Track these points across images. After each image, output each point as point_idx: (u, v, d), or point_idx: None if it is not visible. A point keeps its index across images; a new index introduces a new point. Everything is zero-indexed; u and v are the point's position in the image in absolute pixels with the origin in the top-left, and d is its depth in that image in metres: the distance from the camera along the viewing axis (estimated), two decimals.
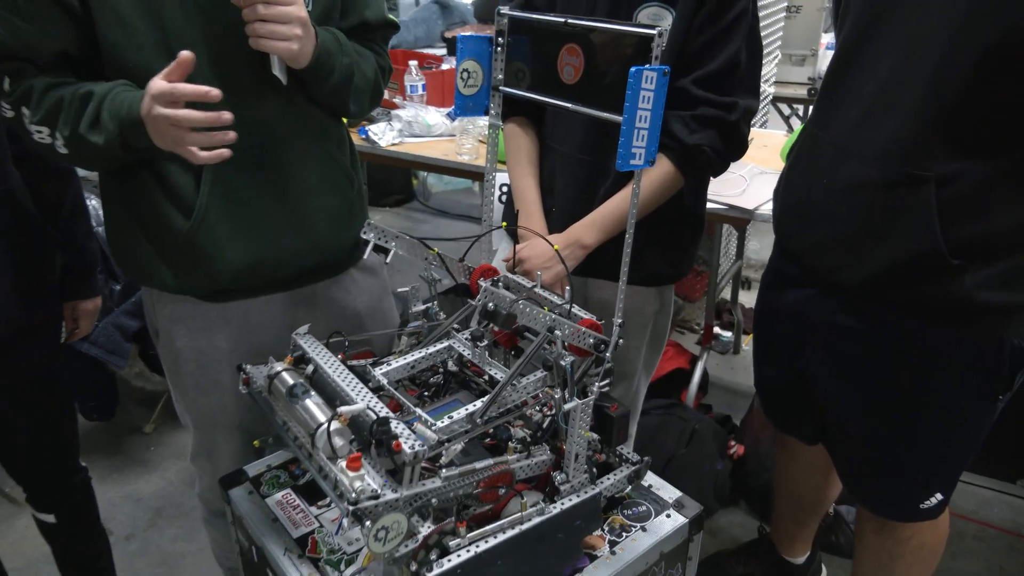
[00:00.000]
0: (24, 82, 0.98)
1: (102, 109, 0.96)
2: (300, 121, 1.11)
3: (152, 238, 1.11)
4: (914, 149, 0.99)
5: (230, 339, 1.18)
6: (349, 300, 1.30)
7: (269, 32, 0.98)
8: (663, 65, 0.85)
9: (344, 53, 1.11)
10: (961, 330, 1.04)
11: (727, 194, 1.87)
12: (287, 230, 1.14)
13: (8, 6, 0.95)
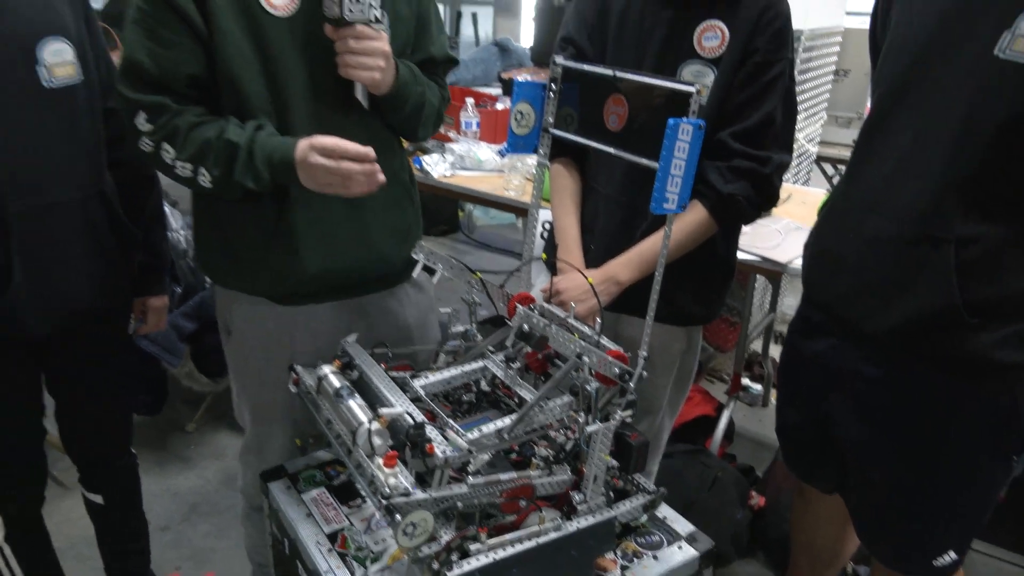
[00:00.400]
0: (163, 118, 1.10)
1: (253, 156, 1.10)
2: (375, 143, 1.22)
3: (236, 244, 1.23)
4: (934, 211, 1.04)
5: (296, 340, 1.29)
6: (401, 312, 1.40)
7: (357, 63, 1.12)
8: (699, 119, 0.93)
9: (418, 83, 1.25)
10: (978, 386, 1.08)
11: (762, 246, 1.93)
12: (355, 243, 1.25)
13: (148, 34, 1.08)
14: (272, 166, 1.10)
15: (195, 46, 1.10)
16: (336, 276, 1.26)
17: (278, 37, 1.13)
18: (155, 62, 1.09)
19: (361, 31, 1.11)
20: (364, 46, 1.11)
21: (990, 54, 0.96)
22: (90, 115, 1.25)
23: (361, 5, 1.09)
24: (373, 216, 1.27)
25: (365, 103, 1.19)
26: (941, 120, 1.03)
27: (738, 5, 1.21)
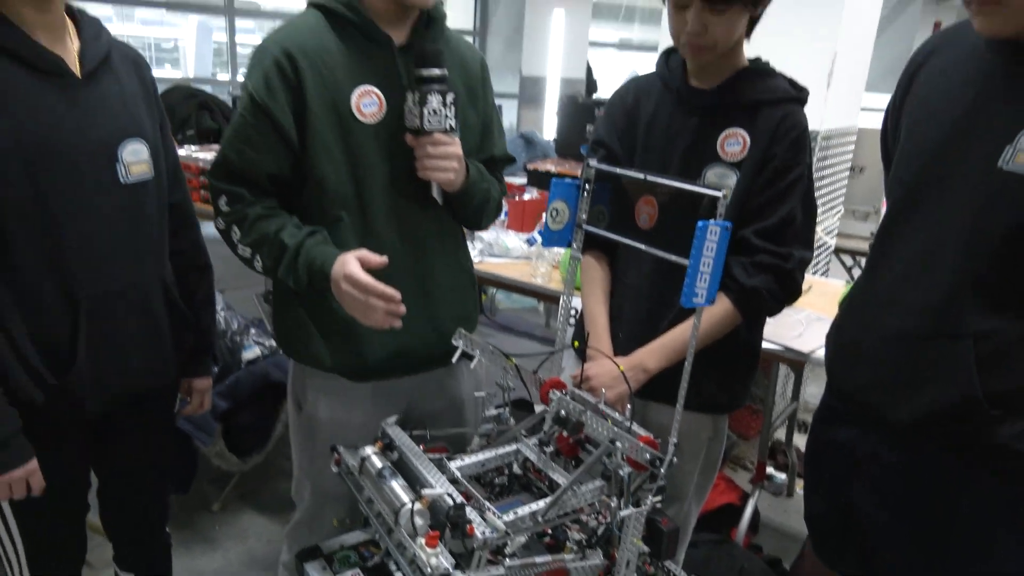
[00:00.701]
0: (239, 206, 1.25)
1: (297, 260, 1.23)
2: (445, 234, 1.38)
3: (317, 324, 1.34)
4: (950, 308, 1.09)
5: (364, 414, 1.38)
6: (457, 388, 1.50)
7: (435, 166, 1.26)
8: (726, 221, 1.00)
9: (484, 180, 1.39)
10: (998, 475, 1.09)
11: (785, 336, 1.97)
12: (425, 324, 1.36)
13: (243, 138, 1.24)
14: (311, 273, 1.23)
15: (282, 151, 1.25)
16: (406, 355, 1.37)
17: (365, 142, 1.27)
18: (242, 160, 1.25)
19: (438, 139, 1.25)
20: (440, 151, 1.26)
21: (994, 166, 1.03)
22: (157, 208, 1.35)
23: (438, 117, 1.24)
24: (441, 301, 1.40)
25: (440, 200, 1.33)
26: (952, 225, 1.09)
27: (757, 115, 1.31)
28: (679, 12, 1.27)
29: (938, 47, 1.21)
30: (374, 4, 1.27)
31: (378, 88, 1.27)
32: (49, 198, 1.18)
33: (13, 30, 1.14)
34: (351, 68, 1.26)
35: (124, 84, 1.29)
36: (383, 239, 1.32)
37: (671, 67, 1.41)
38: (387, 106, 1.28)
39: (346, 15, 1.26)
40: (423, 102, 1.23)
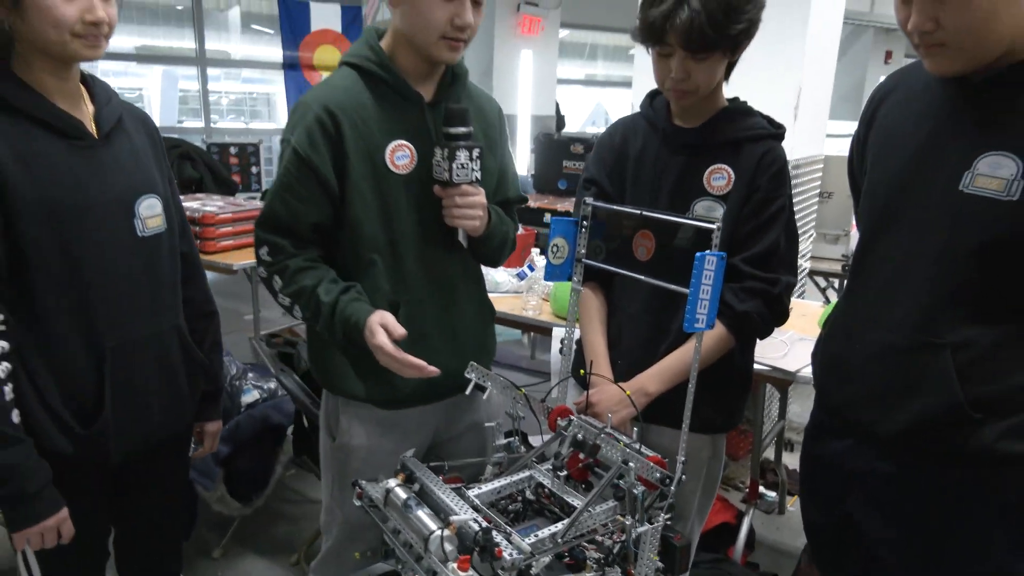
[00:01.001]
0: (280, 257, 1.34)
1: (334, 320, 1.32)
2: (468, 274, 1.50)
3: (351, 359, 1.42)
4: (928, 320, 1.17)
5: (394, 440, 1.46)
6: (478, 412, 1.60)
7: (462, 214, 1.37)
8: (722, 252, 1.08)
9: (503, 223, 1.50)
10: (985, 480, 1.16)
11: (771, 356, 2.06)
12: (451, 355, 1.44)
13: (288, 189, 1.33)
14: (347, 329, 1.33)
15: (324, 201, 1.34)
16: (435, 385, 1.43)
17: (397, 191, 1.37)
18: (287, 210, 1.34)
19: (465, 190, 1.35)
20: (467, 201, 1.36)
21: (956, 190, 1.13)
22: (171, 258, 1.40)
23: (465, 170, 1.34)
24: (465, 335, 1.50)
25: (465, 244, 1.44)
26: (923, 245, 1.18)
27: (740, 152, 1.41)
28: (663, 60, 1.36)
29: (896, 85, 1.32)
30: (404, 63, 1.37)
31: (410, 142, 1.37)
32: (73, 252, 1.23)
33: (37, 97, 1.20)
34: (385, 123, 1.36)
35: (136, 143, 1.35)
36: (413, 281, 1.42)
37: (656, 108, 1.50)
38: (417, 158, 1.38)
39: (380, 74, 1.36)
40: (452, 157, 1.33)
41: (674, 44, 1.31)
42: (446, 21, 1.29)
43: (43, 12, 1.14)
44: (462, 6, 1.28)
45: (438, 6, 1.28)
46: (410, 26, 1.32)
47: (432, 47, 1.32)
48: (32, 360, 1.23)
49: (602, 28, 9.42)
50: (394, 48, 1.37)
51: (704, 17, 1.26)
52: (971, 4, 1.02)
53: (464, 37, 1.32)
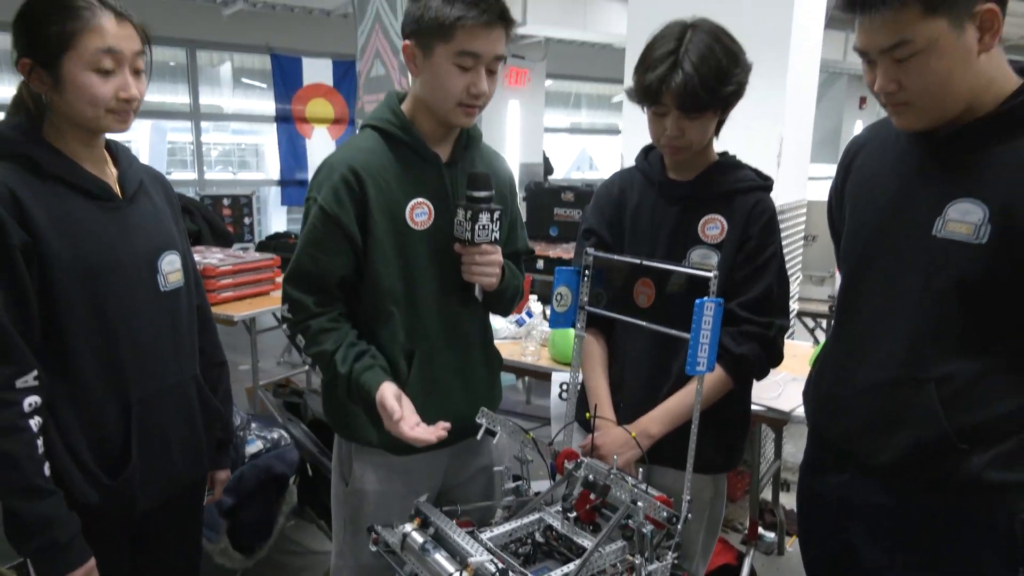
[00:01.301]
0: (302, 315, 1.40)
1: (349, 386, 1.40)
2: (479, 323, 1.56)
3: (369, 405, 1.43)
4: (912, 356, 1.24)
5: (406, 485, 1.49)
6: (489, 455, 1.63)
7: (481, 272, 1.44)
8: (719, 298, 1.15)
9: (515, 277, 1.57)
10: (975, 507, 1.22)
11: (765, 397, 2.12)
12: (463, 401, 1.49)
13: (316, 245, 1.40)
14: (364, 401, 1.38)
15: (350, 255, 1.41)
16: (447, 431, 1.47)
17: (416, 246, 1.44)
18: (316, 264, 1.40)
19: (485, 249, 1.43)
20: (486, 260, 1.43)
21: (929, 235, 1.21)
22: (188, 311, 1.46)
23: (486, 231, 1.41)
24: (476, 381, 1.55)
25: (480, 298, 1.51)
26: (903, 286, 1.26)
27: (732, 203, 1.49)
28: (658, 119, 1.45)
29: (869, 139, 1.42)
30: (423, 126, 1.45)
31: (428, 200, 1.45)
32: (103, 309, 1.28)
33: (68, 162, 1.27)
34: (406, 183, 1.43)
35: (156, 202, 1.42)
36: (429, 332, 1.48)
37: (651, 162, 1.59)
38: (435, 215, 1.45)
39: (401, 137, 1.44)
40: (475, 219, 1.40)
41: (669, 104, 1.40)
42: (462, 89, 1.37)
43: (80, 90, 1.22)
44: (477, 76, 1.37)
45: (455, 76, 1.36)
46: (429, 93, 1.41)
47: (449, 113, 1.41)
48: (62, 413, 1.27)
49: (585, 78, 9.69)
50: (414, 112, 1.46)
51: (697, 80, 1.36)
52: (929, 68, 1.12)
53: (479, 104, 1.41)
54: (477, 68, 1.37)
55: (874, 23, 1.12)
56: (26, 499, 1.21)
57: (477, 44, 1.34)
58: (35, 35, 1.21)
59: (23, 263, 1.20)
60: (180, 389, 1.43)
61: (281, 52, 6.94)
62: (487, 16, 1.33)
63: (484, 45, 1.35)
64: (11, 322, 1.20)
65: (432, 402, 1.47)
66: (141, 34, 1.27)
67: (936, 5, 1.07)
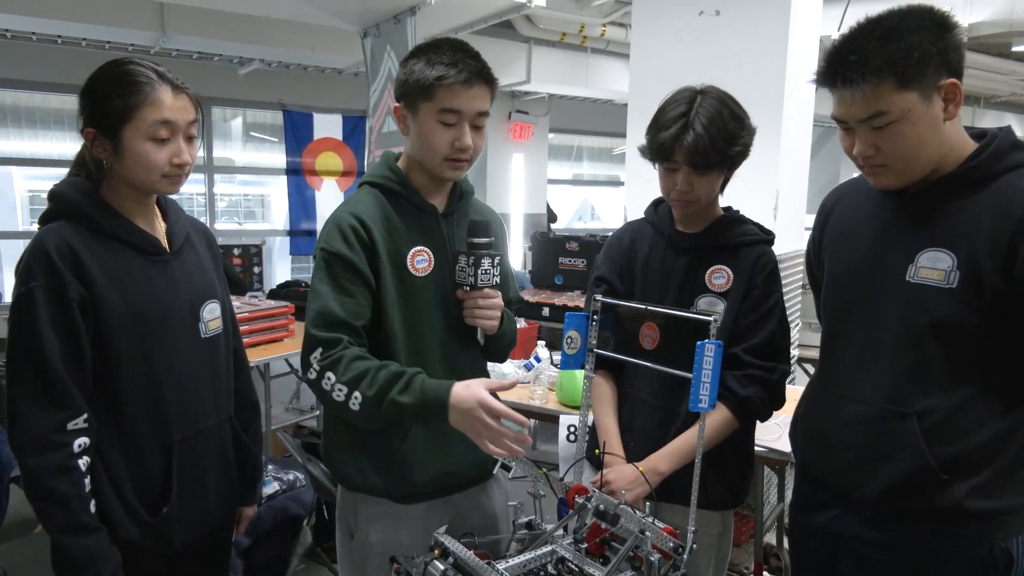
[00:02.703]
0: (334, 351, 1.39)
1: (411, 387, 1.36)
2: (477, 367, 1.60)
3: (368, 452, 1.50)
4: (893, 392, 1.33)
5: (410, 534, 1.52)
6: (490, 504, 1.66)
7: (483, 315, 1.51)
8: (719, 340, 1.25)
9: (511, 321, 1.64)
10: (957, 535, 1.29)
11: (766, 439, 2.20)
12: (463, 449, 1.50)
13: (340, 290, 1.43)
14: (424, 396, 1.34)
15: (369, 297, 1.46)
16: (449, 477, 1.54)
17: (415, 292, 1.51)
18: (343, 309, 1.42)
19: (487, 293, 1.51)
20: (489, 303, 1.51)
21: (904, 280, 1.32)
22: (226, 356, 1.55)
23: (488, 275, 1.50)
24: None
25: (482, 342, 1.58)
26: (882, 328, 1.36)
27: (738, 255, 1.60)
28: (669, 174, 1.56)
29: (844, 194, 1.54)
30: (418, 181, 1.55)
31: (428, 248, 1.53)
32: (151, 354, 1.38)
33: (123, 220, 1.38)
34: (406, 232, 1.52)
35: (200, 254, 1.53)
36: (432, 375, 1.48)
37: (660, 215, 1.70)
38: (435, 262, 1.53)
39: (399, 191, 1.53)
40: (477, 264, 1.49)
41: (680, 161, 1.52)
42: (447, 144, 1.47)
43: (139, 158, 1.33)
44: (461, 131, 1.47)
45: (440, 132, 1.46)
46: (419, 150, 1.51)
47: (437, 168, 1.50)
48: (108, 453, 1.35)
49: (587, 132, 9.96)
50: (408, 168, 1.56)
51: (707, 140, 1.48)
52: (903, 135, 1.25)
53: (465, 157, 1.50)
54: (460, 124, 1.45)
55: (854, 96, 1.24)
56: (73, 536, 1.29)
57: (457, 101, 1.43)
58: (99, 107, 1.33)
59: (80, 314, 1.30)
60: (217, 430, 1.51)
61: (293, 108, 7.19)
62: (465, 75, 1.42)
63: (464, 102, 1.44)
64: (66, 369, 1.29)
65: (436, 448, 1.51)
66: (195, 104, 1.39)
67: (908, 80, 1.20)
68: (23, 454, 1.29)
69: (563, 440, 2.38)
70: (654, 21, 3.27)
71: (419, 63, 1.45)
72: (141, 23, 5.13)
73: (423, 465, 1.50)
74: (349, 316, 1.42)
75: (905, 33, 1.20)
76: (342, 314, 1.41)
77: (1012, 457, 1.28)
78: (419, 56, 1.47)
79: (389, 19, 4.51)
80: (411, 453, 1.49)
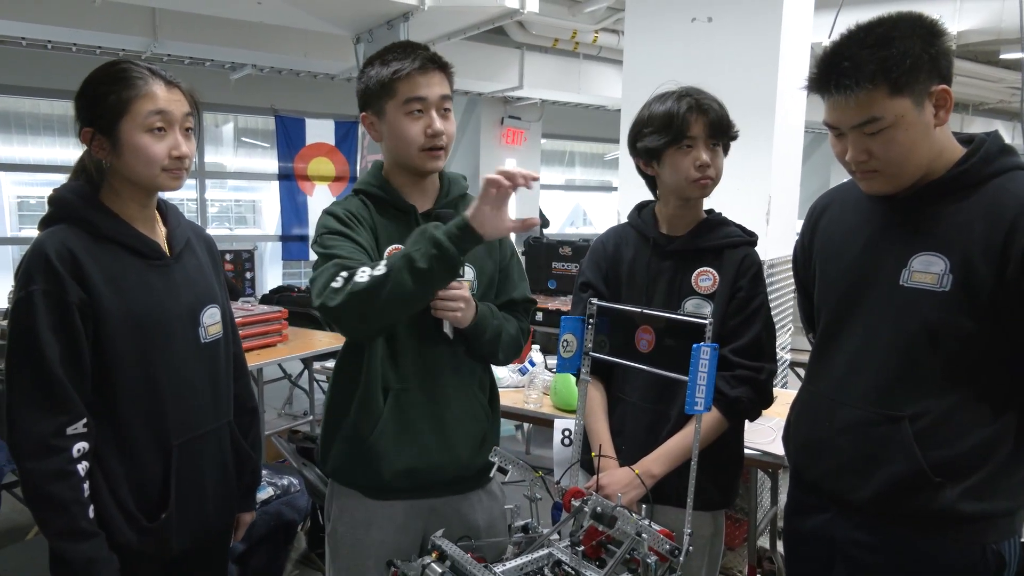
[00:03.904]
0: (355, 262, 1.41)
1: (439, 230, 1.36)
2: (461, 367, 1.58)
3: (348, 441, 1.53)
4: (886, 396, 1.34)
5: (380, 533, 1.53)
6: (472, 515, 1.63)
7: (443, 306, 1.49)
8: (715, 343, 1.26)
9: (495, 317, 1.60)
10: (950, 538, 1.30)
11: (759, 442, 2.21)
12: (436, 447, 1.54)
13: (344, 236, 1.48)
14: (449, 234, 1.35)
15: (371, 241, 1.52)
16: (418, 475, 1.53)
17: None
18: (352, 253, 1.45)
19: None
20: (449, 294, 1.48)
21: (897, 285, 1.34)
22: (225, 361, 1.55)
23: None
24: (455, 428, 1.57)
25: (451, 335, 1.56)
26: (875, 332, 1.37)
27: (722, 257, 1.62)
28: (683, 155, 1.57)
29: (833, 199, 1.56)
30: (398, 182, 1.59)
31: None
32: (150, 359, 1.37)
33: (123, 224, 1.38)
34: (385, 230, 1.55)
35: (200, 259, 1.53)
36: (406, 368, 1.53)
37: (644, 219, 1.72)
38: None
39: (379, 194, 1.58)
40: None
41: (698, 135, 1.55)
42: (420, 133, 1.50)
43: (137, 151, 1.34)
44: (430, 117, 1.51)
45: (410, 123, 1.50)
46: (394, 148, 1.55)
47: (416, 160, 1.53)
48: (107, 458, 1.35)
49: (579, 138, 9.99)
50: (389, 172, 1.60)
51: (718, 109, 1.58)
52: (896, 141, 1.26)
53: (440, 144, 1.53)
54: (427, 111, 1.50)
55: (847, 102, 1.25)
56: (71, 540, 1.28)
57: (419, 89, 1.49)
58: (95, 105, 1.34)
59: (79, 318, 1.30)
60: (216, 435, 1.51)
61: (285, 113, 7.18)
62: (419, 62, 1.49)
63: (425, 89, 1.49)
64: (65, 374, 1.29)
65: (405, 445, 1.52)
66: (189, 98, 1.40)
67: (901, 86, 1.22)
68: (22, 458, 1.28)
69: (557, 444, 2.39)
70: (647, 27, 3.30)
71: (373, 68, 1.52)
72: (132, 28, 5.11)
73: (391, 459, 1.51)
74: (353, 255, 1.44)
75: (897, 40, 1.22)
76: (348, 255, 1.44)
77: (1003, 460, 1.29)
78: (371, 64, 1.54)
79: (382, 25, 4.52)
80: (379, 445, 1.50)
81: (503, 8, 4.40)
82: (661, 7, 3.24)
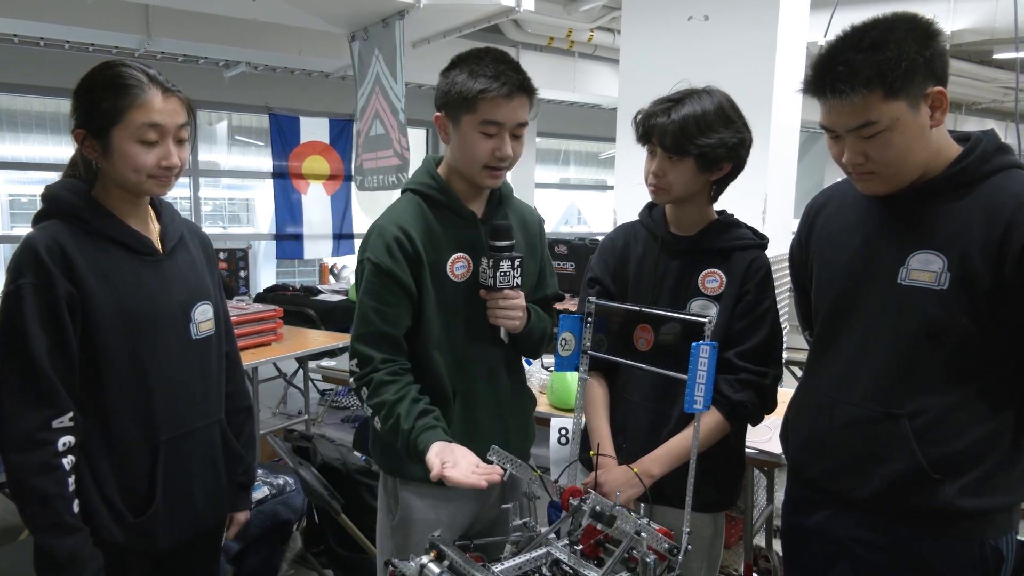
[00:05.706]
0: (367, 369, 1.48)
1: (408, 444, 1.44)
2: (510, 364, 1.67)
3: None
4: (885, 394, 1.35)
5: (448, 514, 1.59)
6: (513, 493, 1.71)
7: (504, 315, 1.56)
8: (713, 342, 1.26)
9: (541, 321, 1.68)
10: (949, 534, 1.31)
11: (757, 440, 2.21)
12: (495, 434, 1.58)
13: (378, 299, 1.49)
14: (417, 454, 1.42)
15: (408, 306, 1.51)
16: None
17: (453, 296, 1.56)
18: (382, 319, 1.49)
19: (507, 294, 1.55)
20: (508, 304, 1.55)
21: (895, 283, 1.34)
22: (217, 358, 1.54)
23: (507, 277, 1.54)
24: (510, 417, 1.65)
25: (506, 340, 1.62)
26: (874, 330, 1.38)
27: (731, 258, 1.61)
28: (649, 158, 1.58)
29: (830, 197, 1.56)
30: (458, 187, 1.59)
31: (466, 254, 1.57)
32: (139, 354, 1.37)
33: (114, 220, 1.38)
34: (447, 239, 1.56)
35: (194, 256, 1.52)
36: (467, 374, 1.59)
37: (654, 218, 1.71)
38: (473, 267, 1.58)
39: (439, 199, 1.57)
40: (496, 267, 1.53)
41: (656, 143, 1.55)
42: (488, 154, 1.50)
43: (126, 160, 1.33)
44: (501, 141, 1.50)
45: (481, 142, 1.49)
46: (459, 158, 1.54)
47: (476, 175, 1.54)
48: (93, 453, 1.34)
49: (574, 136, 9.99)
50: (449, 175, 1.60)
51: (679, 124, 1.50)
52: (892, 143, 1.26)
53: (504, 166, 1.54)
54: (501, 134, 1.49)
55: (843, 106, 1.25)
56: (55, 535, 1.28)
57: (499, 114, 1.47)
58: (89, 109, 1.33)
59: (67, 312, 1.29)
60: (206, 432, 1.50)
61: (279, 111, 7.15)
62: (507, 88, 1.46)
63: (506, 114, 1.47)
64: (52, 367, 1.28)
65: (472, 438, 1.53)
66: (186, 106, 1.39)
67: (897, 90, 1.22)
68: (6, 451, 1.28)
69: (554, 443, 2.38)
70: (643, 26, 3.30)
71: (461, 74, 1.47)
72: (126, 25, 5.08)
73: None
74: (387, 326, 1.50)
75: (892, 43, 1.22)
76: (381, 327, 1.49)
77: (1002, 457, 1.30)
78: (461, 67, 1.49)
79: (377, 23, 4.51)
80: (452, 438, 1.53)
81: (498, 6, 4.40)
82: (657, 5, 3.24)
